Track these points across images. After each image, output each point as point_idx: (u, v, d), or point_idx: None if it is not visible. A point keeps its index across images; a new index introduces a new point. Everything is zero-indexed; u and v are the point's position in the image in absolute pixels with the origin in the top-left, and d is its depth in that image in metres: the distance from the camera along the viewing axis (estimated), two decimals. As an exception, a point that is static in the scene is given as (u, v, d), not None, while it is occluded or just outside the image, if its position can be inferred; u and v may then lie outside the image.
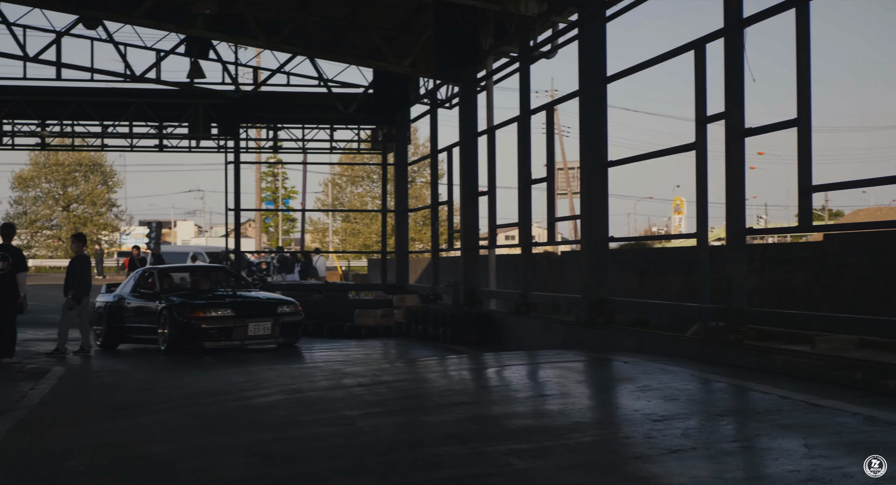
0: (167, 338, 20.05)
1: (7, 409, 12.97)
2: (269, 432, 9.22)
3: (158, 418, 10.99)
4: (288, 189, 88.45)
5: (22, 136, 31.20)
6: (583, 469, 6.90)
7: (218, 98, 28.66)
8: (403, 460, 7.52)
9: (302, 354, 19.57)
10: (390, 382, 12.02)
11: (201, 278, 22.54)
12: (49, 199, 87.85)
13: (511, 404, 9.84)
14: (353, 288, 33.89)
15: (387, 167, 30.46)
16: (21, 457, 9.52)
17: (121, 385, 15.28)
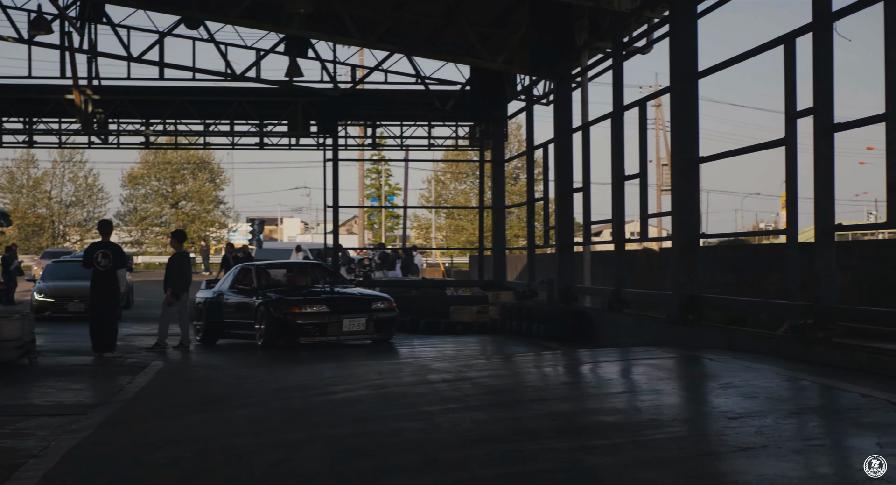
0: (263, 333, 20.32)
1: (103, 402, 13.30)
2: (348, 427, 9.34)
3: (245, 413, 11.18)
4: (392, 186, 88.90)
5: (127, 135, 31.82)
6: (649, 466, 6.91)
7: (316, 96, 28.93)
8: (474, 456, 7.58)
9: (395, 350, 19.72)
10: (473, 378, 12.08)
11: (298, 275, 22.81)
12: (158, 196, 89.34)
13: (589, 401, 9.85)
14: (450, 284, 34.01)
15: (484, 164, 30.54)
16: (109, 449, 9.76)
17: (214, 380, 15.55)
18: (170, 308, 20.95)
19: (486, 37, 24.71)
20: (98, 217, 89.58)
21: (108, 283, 19.54)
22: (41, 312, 30.17)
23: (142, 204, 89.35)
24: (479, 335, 23.37)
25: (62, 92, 28.67)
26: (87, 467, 8.90)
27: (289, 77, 27.33)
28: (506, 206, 29.60)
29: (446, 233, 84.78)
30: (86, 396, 14.21)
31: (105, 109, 29.44)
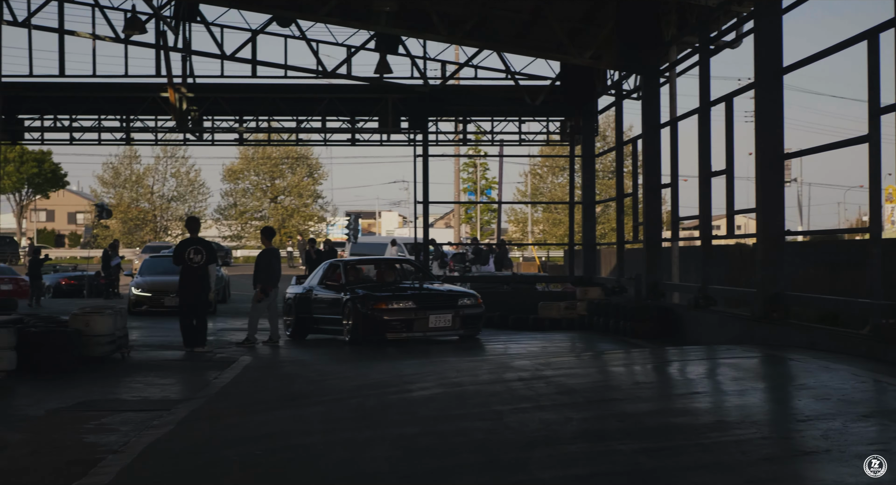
0: (351, 329, 20.49)
1: (187, 398, 13.54)
2: (417, 426, 9.42)
3: (320, 410, 11.33)
4: (489, 180, 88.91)
5: (221, 131, 32.25)
6: (708, 470, 6.89)
7: (406, 92, 29.06)
8: (535, 457, 7.61)
9: (479, 346, 19.77)
10: (549, 376, 12.10)
11: (386, 271, 22.95)
12: (257, 191, 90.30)
13: (659, 401, 9.83)
14: (540, 280, 33.97)
15: (574, 159, 30.47)
16: (185, 445, 9.96)
17: (298, 376, 15.73)
18: (259, 304, 21.22)
19: (574, 32, 24.65)
20: (199, 212, 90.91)
21: (200, 279, 19.84)
22: (138, 307, 30.73)
23: (241, 198, 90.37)
24: (566, 332, 23.33)
25: (158, 90, 29.14)
26: (161, 465, 9.09)
27: (378, 74, 27.49)
28: (596, 201, 29.50)
29: (543, 227, 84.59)
30: (172, 391, 14.47)
31: (199, 107, 29.87)
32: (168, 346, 21.03)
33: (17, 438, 10.97)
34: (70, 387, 14.82)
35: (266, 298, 21.08)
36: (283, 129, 32.43)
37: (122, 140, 32.94)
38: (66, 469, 9.06)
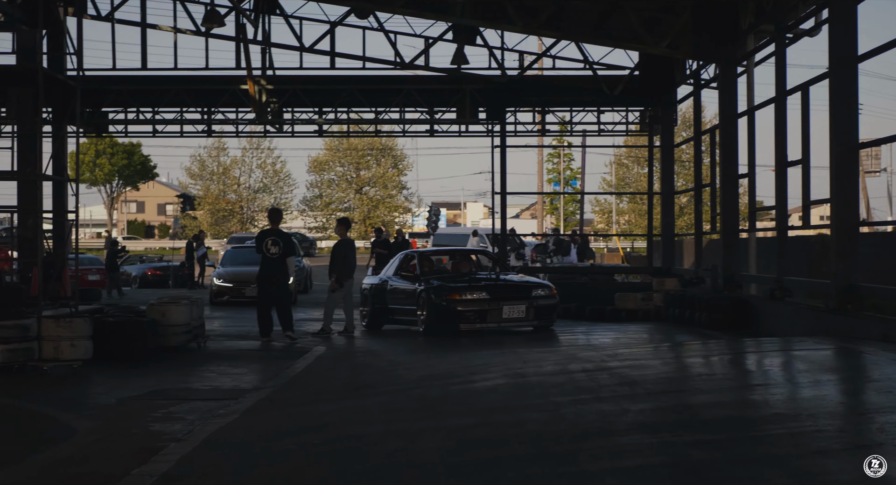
0: (425, 320, 20.52)
1: (257, 387, 13.67)
2: (474, 417, 9.44)
3: (382, 400, 11.38)
4: (574, 170, 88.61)
5: (300, 123, 32.46)
6: (756, 462, 6.83)
7: (484, 83, 29.04)
8: (587, 449, 7.60)
9: (552, 337, 19.71)
10: (614, 368, 12.05)
11: (461, 262, 22.94)
12: (343, 182, 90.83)
13: (719, 393, 9.74)
14: (619, 270, 33.77)
15: (653, 149, 30.25)
16: (245, 435, 10.06)
17: (368, 366, 15.82)
18: (334, 294, 21.34)
19: (651, 22, 24.46)
20: (284, 203, 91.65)
21: (278, 270, 19.98)
22: (219, 297, 31.01)
23: (327, 189, 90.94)
24: (642, 323, 23.19)
25: (238, 82, 29.39)
26: (219, 453, 9.20)
27: (456, 65, 27.51)
28: (675, 191, 29.26)
29: (629, 217, 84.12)
30: (243, 380, 14.60)
31: (279, 99, 30.07)
32: (245, 336, 21.24)
33: (86, 425, 11.17)
34: (144, 376, 15.04)
35: (341, 288, 21.20)
36: (361, 120, 32.57)
37: (204, 132, 33.29)
38: (129, 457, 9.19)
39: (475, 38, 27.47)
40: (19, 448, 10.00)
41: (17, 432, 11.06)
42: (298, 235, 68.54)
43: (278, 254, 19.91)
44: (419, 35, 27.98)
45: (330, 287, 21.40)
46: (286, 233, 20.78)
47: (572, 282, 29.28)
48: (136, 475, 8.39)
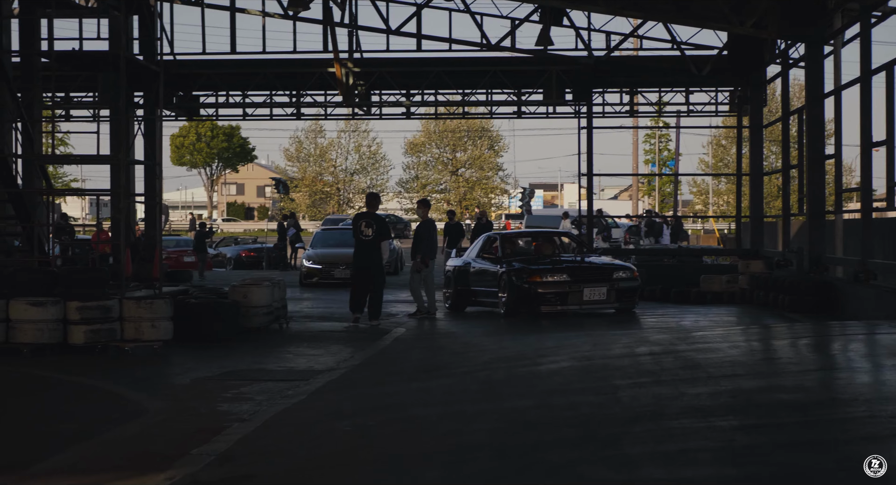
0: (506, 302, 20.55)
1: (330, 368, 13.81)
2: (533, 399, 9.46)
3: (448, 382, 11.45)
4: (671, 151, 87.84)
5: (388, 106, 32.62)
6: (799, 448, 6.77)
7: (571, 64, 28.92)
8: (633, 432, 7.57)
9: (632, 320, 19.60)
10: (681, 351, 11.99)
11: (544, 244, 22.91)
12: (438, 163, 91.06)
13: (780, 377, 9.64)
14: (707, 252, 33.44)
15: (742, 130, 29.89)
16: (308, 416, 10.20)
17: (442, 348, 15.91)
18: (417, 275, 21.43)
19: (737, 1, 24.16)
20: (380, 185, 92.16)
21: (371, 252, 19.94)
22: (309, 279, 31.31)
23: (423, 171, 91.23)
24: (726, 306, 22.99)
25: (325, 66, 29.58)
26: (278, 434, 9.33)
27: (541, 46, 27.43)
28: (764, 172, 28.90)
29: (728, 198, 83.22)
30: (318, 362, 14.73)
31: (366, 81, 30.23)
32: (329, 317, 21.45)
33: (157, 405, 11.38)
34: (222, 356, 15.27)
35: (426, 268, 21.28)
36: (448, 102, 32.64)
37: (293, 115, 33.61)
38: (192, 437, 9.35)
39: (561, 19, 27.37)
40: (88, 427, 10.22)
41: (88, 411, 11.31)
42: (392, 216, 68.93)
43: (371, 236, 19.92)
44: (505, 16, 27.97)
45: (414, 268, 21.49)
46: (382, 217, 20.84)
47: (660, 264, 29.09)
48: (195, 455, 8.55)
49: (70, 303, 15.66)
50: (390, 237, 21.07)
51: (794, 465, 6.34)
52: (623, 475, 6.40)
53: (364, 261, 19.96)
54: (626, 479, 6.26)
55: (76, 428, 10.17)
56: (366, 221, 20.08)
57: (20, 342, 15.46)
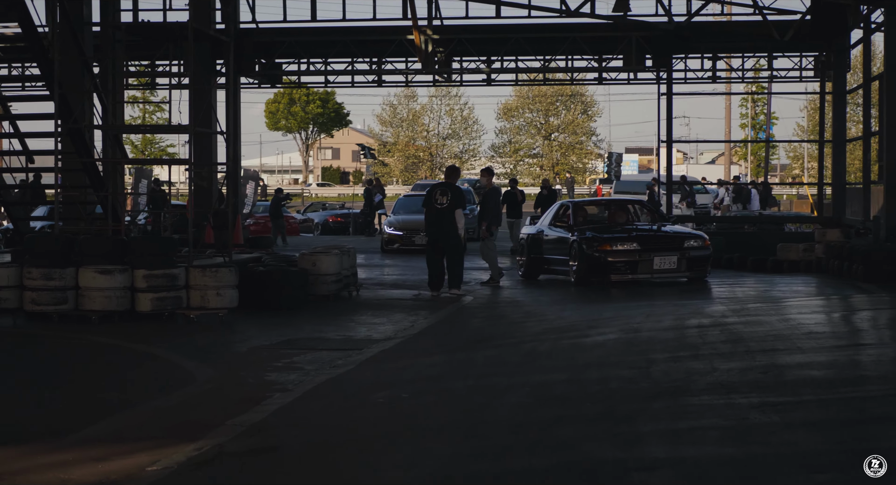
0: (576, 270, 20.51)
1: (388, 338, 13.92)
2: (566, 373, 9.52)
3: (492, 353, 11.53)
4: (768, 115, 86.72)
5: (468, 73, 32.59)
6: (810, 427, 6.75)
7: (650, 30, 28.64)
8: (651, 409, 7.61)
9: (701, 289, 19.41)
10: (729, 324, 11.93)
11: (618, 212, 22.80)
12: (531, 128, 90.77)
13: (817, 353, 9.56)
14: (788, 220, 32.93)
15: (825, 96, 29.42)
16: (348, 387, 10.33)
17: (501, 317, 15.97)
18: (487, 242, 21.45)
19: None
20: (473, 149, 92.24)
21: (444, 221, 19.76)
22: (390, 245, 31.49)
23: (516, 136, 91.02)
24: (803, 275, 22.69)
25: (404, 33, 29.57)
26: (315, 404, 9.47)
27: (619, 12, 27.22)
28: (846, 139, 28.43)
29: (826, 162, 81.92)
30: (377, 330, 14.81)
31: (445, 48, 30.18)
32: (401, 285, 21.59)
33: (208, 373, 11.58)
34: (284, 325, 15.45)
35: (491, 236, 21.31)
36: (528, 69, 32.48)
37: (374, 83, 33.74)
38: (233, 407, 9.50)
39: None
40: (139, 395, 10.44)
41: (142, 379, 11.54)
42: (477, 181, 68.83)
43: (445, 205, 19.82)
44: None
45: (481, 236, 21.54)
46: (457, 187, 20.71)
47: (740, 232, 28.82)
48: (229, 425, 8.69)
49: (137, 271, 15.93)
50: (465, 207, 20.95)
51: (795, 445, 6.33)
52: (624, 454, 6.45)
53: (436, 228, 19.79)
54: (622, 457, 6.30)
55: (126, 396, 10.39)
56: (441, 189, 20.02)
57: (89, 309, 15.79)
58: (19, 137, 19.31)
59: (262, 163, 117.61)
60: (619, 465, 6.14)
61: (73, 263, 16.09)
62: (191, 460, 7.63)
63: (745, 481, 5.69)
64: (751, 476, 5.72)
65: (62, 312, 15.87)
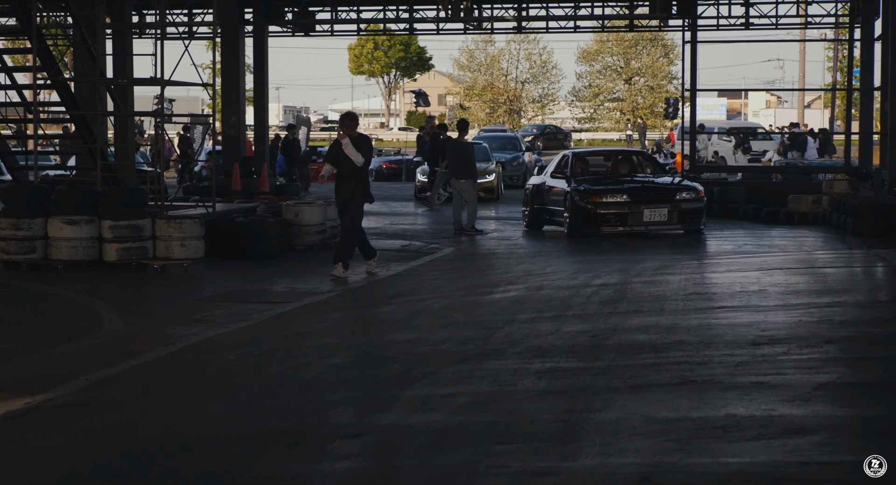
0: (568, 222, 20.52)
1: (330, 291, 14.07)
2: (418, 332, 9.76)
3: (388, 310, 11.74)
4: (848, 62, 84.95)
5: (497, 20, 32.42)
6: (554, 397, 6.80)
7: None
8: (443, 373, 7.72)
9: (685, 243, 19.16)
10: (632, 283, 11.91)
11: (621, 163, 22.64)
12: (612, 72, 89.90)
13: (669, 316, 9.48)
14: (814, 170, 32.23)
15: (853, 43, 28.83)
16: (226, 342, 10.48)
17: (460, 270, 16.07)
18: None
19: None
20: (551, 94, 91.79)
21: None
22: (423, 193, 31.58)
23: (595, 80, 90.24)
24: (809, 227, 22.40)
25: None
26: (176, 361, 9.63)
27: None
28: (873, 88, 27.84)
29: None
30: (332, 284, 14.91)
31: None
32: (401, 235, 21.76)
33: (116, 326, 11.81)
34: (244, 276, 15.78)
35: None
36: (553, 17, 32.19)
37: (406, 31, 33.75)
38: (104, 360, 9.71)
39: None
40: (31, 346, 10.63)
41: (50, 329, 11.79)
42: (552, 126, 68.65)
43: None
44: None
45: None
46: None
47: (764, 182, 28.48)
48: (80, 379, 8.89)
49: (104, 222, 16.29)
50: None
51: (519, 414, 6.38)
52: (358, 420, 6.57)
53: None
54: (355, 423, 6.44)
55: (16, 347, 10.63)
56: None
57: (56, 259, 16.20)
58: (17, 89, 19.81)
59: (343, 107, 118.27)
60: (333, 431, 6.27)
61: (43, 213, 16.49)
62: (7, 414, 7.89)
63: (430, 450, 5.77)
64: (435, 446, 5.81)
65: (30, 261, 16.32)
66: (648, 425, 5.90)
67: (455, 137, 22.99)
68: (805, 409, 6.04)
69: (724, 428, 5.74)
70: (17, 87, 19.80)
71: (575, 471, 5.23)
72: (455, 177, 21.83)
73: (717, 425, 5.80)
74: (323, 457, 5.73)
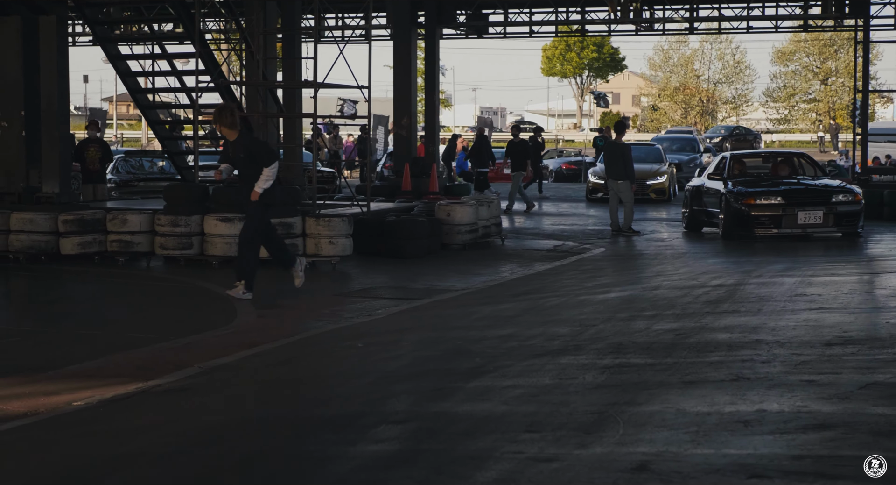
0: (723, 223, 20.49)
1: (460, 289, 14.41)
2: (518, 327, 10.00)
3: (505, 307, 12.00)
4: None
5: (667, 21, 32.25)
6: (603, 390, 7.02)
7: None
8: (518, 367, 7.99)
9: (838, 246, 19.03)
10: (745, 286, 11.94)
11: (780, 165, 22.42)
12: (807, 72, 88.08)
13: (763, 317, 9.56)
14: None
15: None
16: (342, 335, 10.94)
17: (600, 269, 16.21)
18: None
19: None
20: (745, 94, 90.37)
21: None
22: (594, 194, 31.78)
23: (790, 80, 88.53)
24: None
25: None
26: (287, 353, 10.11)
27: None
28: None
29: None
30: (467, 282, 15.26)
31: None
32: (558, 235, 22.03)
33: (249, 319, 12.34)
34: (390, 273, 16.29)
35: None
36: (725, 17, 31.89)
37: (577, 32, 33.86)
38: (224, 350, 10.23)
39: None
40: (165, 335, 11.26)
41: (191, 320, 12.40)
42: (741, 127, 67.65)
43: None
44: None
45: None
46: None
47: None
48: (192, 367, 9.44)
49: (257, 220, 16.98)
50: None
51: (564, 405, 6.63)
52: (409, 407, 6.91)
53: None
54: (404, 410, 6.78)
55: (153, 336, 11.28)
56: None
57: (211, 255, 16.99)
58: (186, 91, 20.78)
59: (549, 107, 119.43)
60: (382, 418, 6.63)
61: (201, 211, 17.29)
62: (116, 397, 8.46)
63: (461, 437, 6.08)
64: (469, 433, 6.12)
65: (187, 257, 17.16)
66: (678, 417, 6.09)
67: (612, 139, 23.18)
68: (837, 406, 6.14)
69: (746, 423, 5.88)
70: (186, 90, 20.79)
71: (581, 458, 5.47)
72: (612, 178, 22.06)
73: (742, 420, 5.95)
74: (360, 441, 6.07)
